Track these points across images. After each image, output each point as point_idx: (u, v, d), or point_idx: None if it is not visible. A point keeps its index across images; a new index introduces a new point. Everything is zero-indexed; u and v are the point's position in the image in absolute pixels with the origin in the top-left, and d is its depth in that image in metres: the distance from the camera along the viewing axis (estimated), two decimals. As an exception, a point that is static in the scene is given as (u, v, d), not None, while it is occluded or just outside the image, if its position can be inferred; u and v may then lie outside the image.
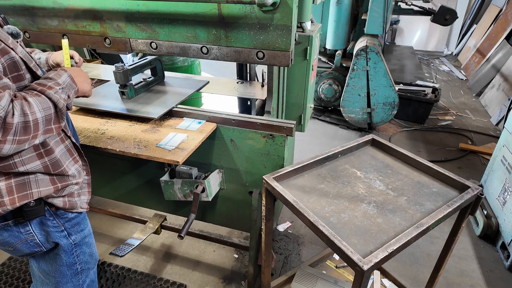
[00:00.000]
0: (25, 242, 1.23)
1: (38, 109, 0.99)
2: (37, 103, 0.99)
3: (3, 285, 2.14)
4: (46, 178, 1.18)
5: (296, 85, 2.14)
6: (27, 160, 1.11)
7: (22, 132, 0.96)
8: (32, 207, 1.16)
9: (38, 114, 0.99)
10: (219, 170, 1.92)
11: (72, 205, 1.29)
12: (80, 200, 1.33)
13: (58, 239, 1.30)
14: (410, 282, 2.21)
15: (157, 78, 2.13)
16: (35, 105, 0.98)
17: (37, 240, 1.25)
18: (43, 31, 1.83)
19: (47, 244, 1.29)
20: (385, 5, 3.34)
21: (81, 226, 1.39)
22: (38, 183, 1.16)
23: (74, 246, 1.37)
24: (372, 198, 1.43)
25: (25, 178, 1.14)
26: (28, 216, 1.18)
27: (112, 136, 1.60)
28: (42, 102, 1.01)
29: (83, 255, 1.42)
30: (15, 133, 0.94)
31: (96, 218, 2.71)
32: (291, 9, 1.36)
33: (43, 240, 1.26)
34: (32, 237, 1.23)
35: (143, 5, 1.56)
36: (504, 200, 2.41)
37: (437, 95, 4.30)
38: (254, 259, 1.98)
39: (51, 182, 1.19)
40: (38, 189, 1.16)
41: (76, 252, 1.39)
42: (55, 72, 1.13)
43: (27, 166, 1.11)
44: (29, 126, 0.97)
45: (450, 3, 7.07)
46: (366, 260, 1.10)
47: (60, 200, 1.24)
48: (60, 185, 1.21)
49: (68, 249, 1.35)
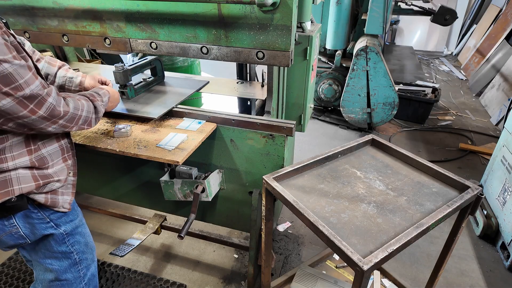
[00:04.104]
0: (9, 234, 1.27)
1: (86, 110, 1.30)
2: (86, 106, 1.30)
3: (3, 285, 2.14)
4: (28, 174, 1.21)
5: (296, 85, 2.14)
6: (17, 156, 1.17)
7: (69, 120, 1.23)
8: (14, 202, 1.19)
9: (84, 113, 1.29)
10: (219, 170, 1.92)
11: (54, 203, 1.31)
12: (63, 199, 1.35)
13: (45, 230, 1.33)
14: (410, 282, 2.21)
15: (157, 78, 2.13)
16: (86, 106, 1.30)
17: (21, 232, 1.28)
18: (43, 31, 1.83)
19: (32, 236, 1.32)
20: (385, 5, 3.35)
21: (70, 217, 1.41)
22: (20, 180, 1.19)
23: (66, 235, 1.40)
24: (372, 198, 1.43)
25: (6, 175, 1.17)
26: (11, 211, 1.21)
27: (112, 136, 1.60)
28: (89, 107, 1.32)
29: (78, 245, 1.46)
30: (66, 120, 1.21)
31: (96, 218, 2.71)
32: (291, 9, 1.36)
33: (27, 232, 1.29)
34: (16, 230, 1.27)
35: (143, 5, 1.56)
36: (504, 200, 2.41)
37: (437, 95, 4.30)
38: (254, 259, 1.98)
39: (33, 179, 1.22)
40: (20, 186, 1.19)
41: (69, 242, 1.42)
42: (102, 91, 1.50)
43: (16, 161, 1.17)
44: (74, 118, 1.24)
45: (450, 3, 7.07)
46: (366, 260, 1.10)
47: (42, 196, 1.27)
48: (42, 182, 1.24)
49: (59, 238, 1.38)
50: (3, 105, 1.03)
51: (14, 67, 1.03)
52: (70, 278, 1.49)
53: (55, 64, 1.63)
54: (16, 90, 1.04)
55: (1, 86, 1.01)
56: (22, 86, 1.05)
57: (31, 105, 1.08)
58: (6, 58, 1.01)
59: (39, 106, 1.10)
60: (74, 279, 1.50)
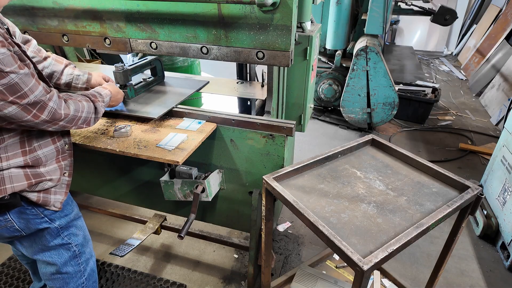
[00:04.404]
0: (4, 228, 1.30)
1: (86, 111, 1.33)
2: (86, 107, 1.33)
3: (3, 285, 2.14)
4: (21, 173, 1.23)
5: (296, 85, 2.14)
6: (11, 156, 1.20)
7: (69, 121, 1.27)
8: (7, 200, 1.22)
9: (84, 114, 1.32)
10: (219, 170, 1.92)
11: (45, 202, 1.33)
12: (55, 198, 1.37)
13: (39, 224, 1.36)
14: (410, 282, 2.21)
15: (157, 78, 2.13)
16: (86, 107, 1.33)
17: (16, 226, 1.31)
18: (43, 31, 1.83)
19: (27, 230, 1.35)
20: (385, 5, 3.34)
21: (64, 212, 1.44)
22: (12, 179, 1.21)
23: (61, 229, 1.43)
24: (372, 198, 1.43)
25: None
26: (5, 208, 1.24)
27: (112, 136, 1.60)
28: (90, 107, 1.35)
29: (75, 237, 1.50)
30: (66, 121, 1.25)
31: (96, 218, 2.71)
32: (291, 9, 1.36)
33: (22, 226, 1.33)
34: (11, 224, 1.30)
35: (143, 5, 1.56)
36: (504, 200, 2.41)
37: (437, 95, 4.30)
38: (254, 259, 1.98)
39: (26, 178, 1.24)
40: (12, 184, 1.21)
41: (63, 234, 1.45)
42: (105, 91, 1.52)
43: (10, 162, 1.20)
44: (74, 119, 1.28)
45: (450, 3, 7.07)
46: (366, 260, 1.10)
47: (34, 195, 1.29)
48: (34, 180, 1.26)
49: (53, 232, 1.41)
50: (8, 112, 1.09)
51: (20, 76, 1.08)
52: (71, 271, 1.52)
53: (62, 62, 1.68)
54: (21, 98, 1.09)
55: (8, 96, 1.06)
56: (27, 93, 1.10)
57: (34, 110, 1.13)
58: (13, 69, 1.06)
59: (41, 111, 1.15)
60: (75, 273, 1.54)
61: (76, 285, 1.57)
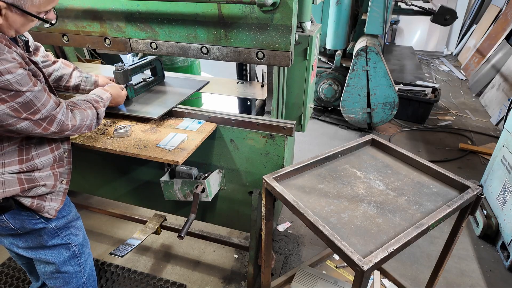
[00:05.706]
0: (0, 227, 1.31)
1: (90, 119, 1.37)
2: (90, 114, 1.38)
3: (3, 285, 2.14)
4: (14, 178, 1.23)
5: (296, 85, 2.14)
6: (7, 164, 1.21)
7: (75, 130, 1.32)
8: (1, 204, 1.22)
9: (88, 122, 1.36)
10: (219, 170, 1.92)
11: (39, 208, 1.33)
12: (49, 206, 1.36)
13: (35, 225, 1.36)
14: (410, 282, 2.21)
15: (157, 78, 2.13)
16: (90, 115, 1.37)
17: (11, 226, 1.32)
18: (43, 31, 1.83)
19: (22, 229, 1.36)
20: (385, 5, 3.34)
21: (62, 213, 1.44)
22: (4, 184, 1.21)
23: (58, 229, 1.44)
24: (372, 198, 1.43)
25: None
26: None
27: (112, 136, 1.60)
28: (93, 115, 1.39)
29: (75, 237, 1.51)
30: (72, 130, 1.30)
31: (96, 218, 2.71)
32: (291, 9, 1.36)
33: (18, 226, 1.33)
34: (6, 224, 1.30)
35: (143, 5, 1.56)
36: (504, 200, 2.41)
37: (437, 95, 4.30)
38: (254, 259, 1.98)
39: (19, 182, 1.24)
40: (4, 189, 1.21)
41: (62, 234, 1.46)
42: (106, 94, 1.56)
43: (5, 169, 1.20)
44: (80, 128, 1.33)
45: (450, 3, 7.07)
46: (366, 260, 1.10)
47: (28, 200, 1.29)
48: (27, 185, 1.26)
49: (50, 232, 1.42)
50: (21, 127, 1.13)
51: (34, 93, 1.12)
52: (70, 271, 1.53)
53: (71, 65, 1.73)
54: (34, 114, 1.13)
55: (22, 113, 1.10)
56: (39, 108, 1.15)
57: (44, 124, 1.18)
58: (29, 88, 1.10)
59: (51, 124, 1.20)
60: (75, 273, 1.54)
61: (77, 285, 1.58)
